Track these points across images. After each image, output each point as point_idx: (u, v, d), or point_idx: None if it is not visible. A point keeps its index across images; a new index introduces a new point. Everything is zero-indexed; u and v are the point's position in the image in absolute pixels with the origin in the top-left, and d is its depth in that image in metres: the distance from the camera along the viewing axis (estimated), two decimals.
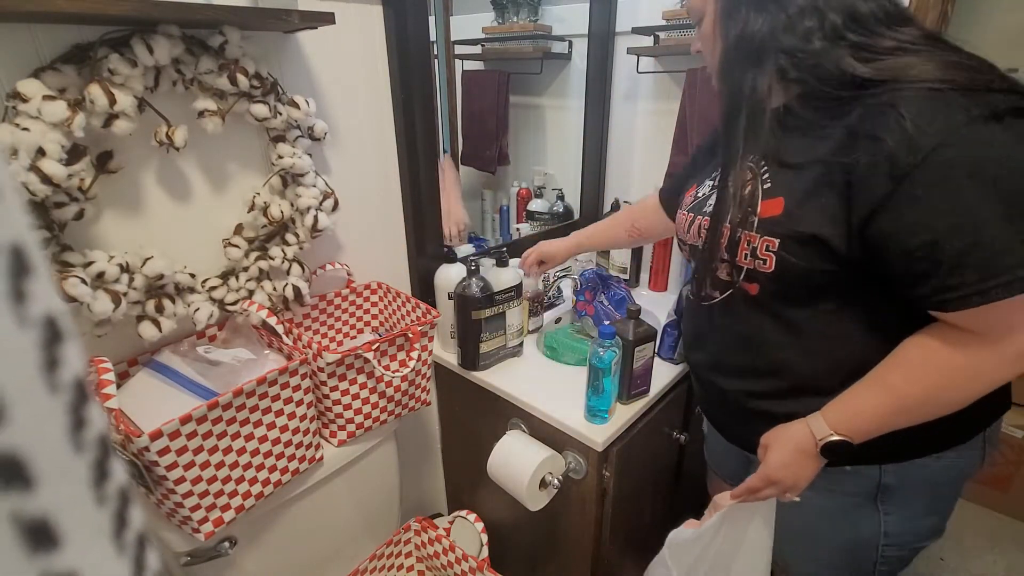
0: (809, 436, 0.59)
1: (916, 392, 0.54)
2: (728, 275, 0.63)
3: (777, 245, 0.57)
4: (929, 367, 0.53)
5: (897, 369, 0.55)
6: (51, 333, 0.09)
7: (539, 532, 1.07)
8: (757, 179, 0.59)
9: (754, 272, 0.59)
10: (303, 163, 0.77)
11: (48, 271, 0.10)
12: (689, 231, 0.72)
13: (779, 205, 0.57)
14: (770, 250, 0.57)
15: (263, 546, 0.80)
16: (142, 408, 0.65)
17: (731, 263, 0.61)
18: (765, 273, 0.58)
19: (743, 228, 0.59)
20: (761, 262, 0.58)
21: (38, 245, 0.09)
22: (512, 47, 1.32)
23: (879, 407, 0.56)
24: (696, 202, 0.73)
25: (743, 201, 0.59)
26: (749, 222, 0.59)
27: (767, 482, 0.62)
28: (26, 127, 0.54)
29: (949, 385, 0.53)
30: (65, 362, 0.10)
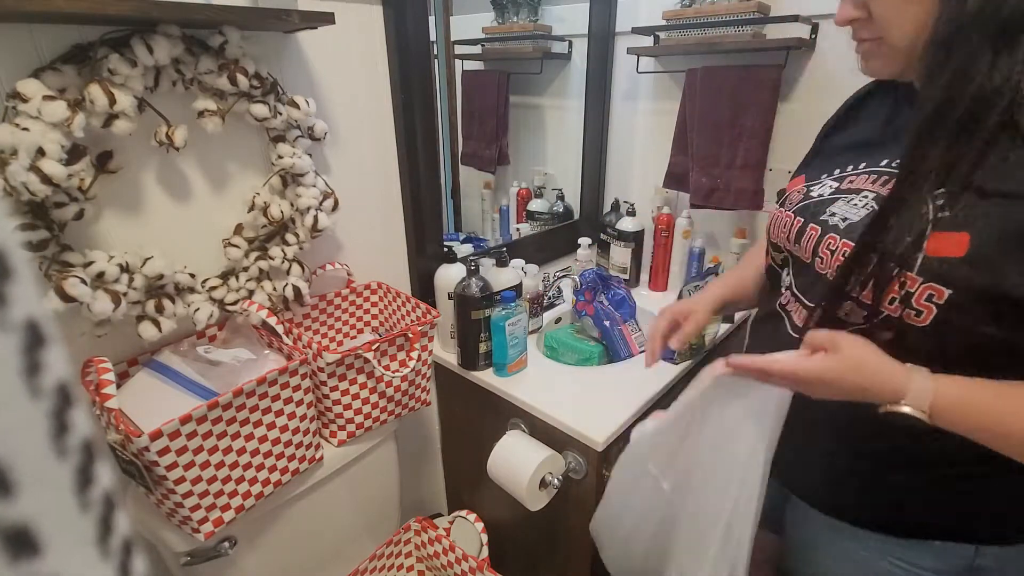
0: (899, 390, 0.44)
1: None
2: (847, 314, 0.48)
3: (946, 297, 0.42)
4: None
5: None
6: (33, 337, 0.09)
7: (539, 532, 1.07)
8: (928, 201, 0.44)
9: (897, 321, 0.46)
10: (303, 163, 0.77)
11: (31, 274, 0.10)
12: (799, 240, 0.56)
13: (961, 244, 0.42)
14: (933, 300, 0.43)
15: (263, 546, 0.81)
16: (142, 408, 0.65)
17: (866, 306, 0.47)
18: (915, 326, 0.45)
19: (899, 265, 0.44)
20: (914, 313, 0.44)
21: (21, 248, 0.09)
22: (512, 47, 1.32)
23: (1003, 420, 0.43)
24: (806, 202, 0.57)
25: (911, 227, 0.44)
26: (908, 259, 0.44)
27: (794, 378, 0.47)
28: (26, 127, 0.54)
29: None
30: (47, 366, 0.10)
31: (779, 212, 0.61)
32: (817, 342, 0.48)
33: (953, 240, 0.42)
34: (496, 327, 0.95)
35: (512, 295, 0.94)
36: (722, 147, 1.13)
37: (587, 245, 1.28)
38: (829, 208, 0.54)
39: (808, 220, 0.56)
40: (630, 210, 1.32)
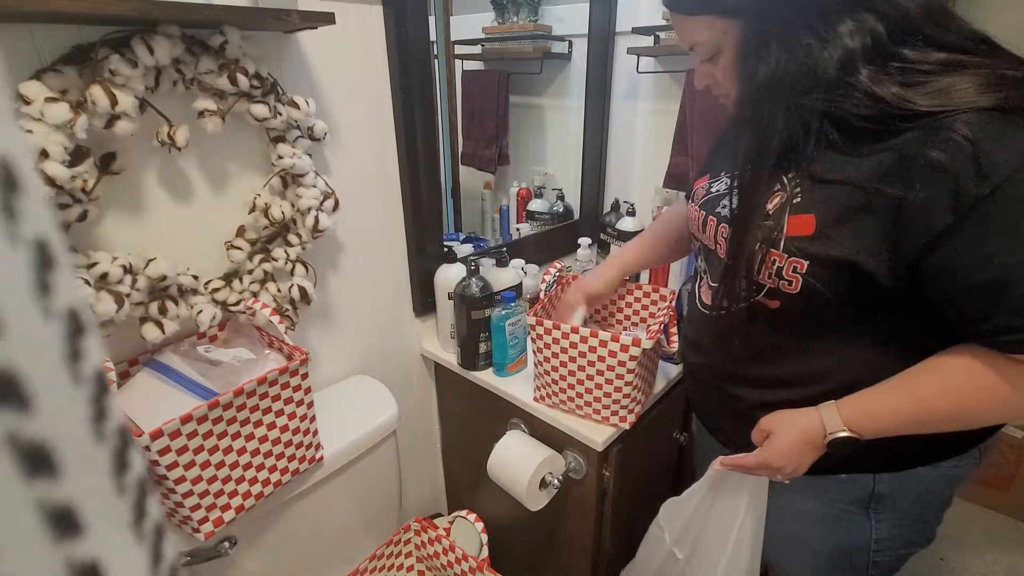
0: (819, 428, 0.56)
1: (945, 408, 0.52)
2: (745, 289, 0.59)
3: (805, 268, 0.52)
4: (969, 388, 0.50)
5: (931, 381, 0.52)
6: (74, 325, 0.10)
7: (539, 532, 1.07)
8: (786, 191, 0.54)
9: (776, 291, 0.56)
10: (303, 163, 0.78)
11: (71, 266, 0.10)
12: (705, 231, 0.67)
13: (810, 223, 0.52)
14: (797, 271, 0.53)
15: (263, 546, 0.80)
16: (143, 408, 0.65)
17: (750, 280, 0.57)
18: (789, 293, 0.54)
19: (768, 246, 0.54)
20: (786, 283, 0.54)
21: (62, 240, 0.10)
22: (512, 47, 1.32)
23: (901, 413, 0.53)
24: (708, 198, 0.67)
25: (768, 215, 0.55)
26: (775, 239, 0.54)
27: (764, 466, 0.61)
28: (29, 129, 0.54)
29: (983, 409, 0.51)
30: (87, 354, 0.10)
31: (690, 207, 0.71)
32: (758, 437, 0.62)
33: (804, 221, 0.52)
34: (496, 327, 0.95)
35: (512, 295, 0.94)
36: None
37: (587, 245, 1.29)
38: (723, 201, 0.64)
39: (708, 212, 0.66)
40: (630, 210, 1.32)
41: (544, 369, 0.87)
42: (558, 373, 0.85)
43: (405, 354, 1.14)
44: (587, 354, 0.81)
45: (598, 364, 0.81)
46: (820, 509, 0.67)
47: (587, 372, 0.82)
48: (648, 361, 0.87)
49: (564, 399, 0.88)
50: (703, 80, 0.62)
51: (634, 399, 0.84)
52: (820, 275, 0.52)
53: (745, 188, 0.57)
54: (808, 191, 0.53)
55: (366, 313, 1.03)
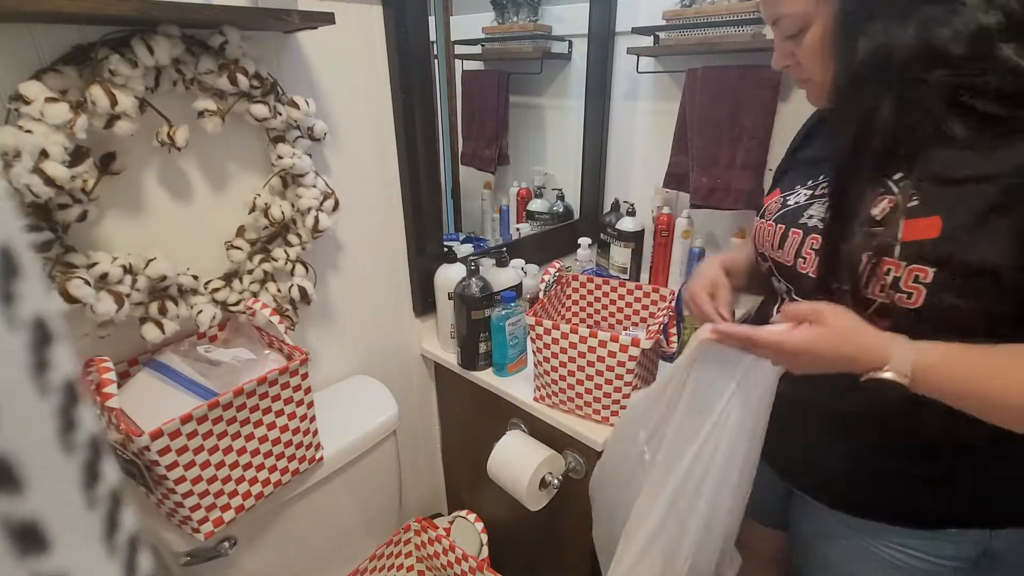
0: (880, 357, 0.45)
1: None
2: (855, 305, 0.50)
3: (931, 276, 0.45)
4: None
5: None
6: (40, 335, 0.10)
7: (539, 532, 1.07)
8: (897, 195, 0.47)
9: (890, 307, 0.48)
10: (303, 163, 0.77)
11: (38, 273, 0.10)
12: (783, 246, 0.58)
13: (935, 226, 0.45)
14: (920, 281, 0.45)
15: (263, 546, 0.81)
16: (143, 408, 0.65)
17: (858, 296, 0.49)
18: (908, 308, 0.47)
19: (880, 254, 0.47)
20: (904, 296, 0.46)
21: (28, 247, 0.10)
22: (512, 47, 1.32)
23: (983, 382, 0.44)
24: (785, 210, 0.59)
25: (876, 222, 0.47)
26: (887, 246, 0.47)
27: (779, 350, 0.49)
28: (29, 129, 0.54)
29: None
30: (55, 364, 0.10)
31: (760, 223, 0.64)
32: (801, 314, 0.49)
33: (926, 224, 0.45)
34: (496, 327, 0.95)
35: (512, 295, 0.94)
36: (722, 147, 1.14)
37: (587, 245, 1.28)
38: (806, 212, 0.57)
39: (789, 225, 0.58)
40: (630, 210, 1.32)
41: (544, 369, 0.87)
42: (557, 373, 0.85)
43: (405, 354, 1.14)
44: (587, 354, 0.80)
45: (597, 364, 0.81)
46: (915, 563, 0.57)
47: (587, 372, 0.82)
48: (648, 361, 0.87)
49: (564, 399, 0.88)
50: (782, 60, 0.55)
51: None
52: (951, 285, 0.44)
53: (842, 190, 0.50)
54: (926, 192, 0.46)
55: (366, 313, 1.03)
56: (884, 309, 0.49)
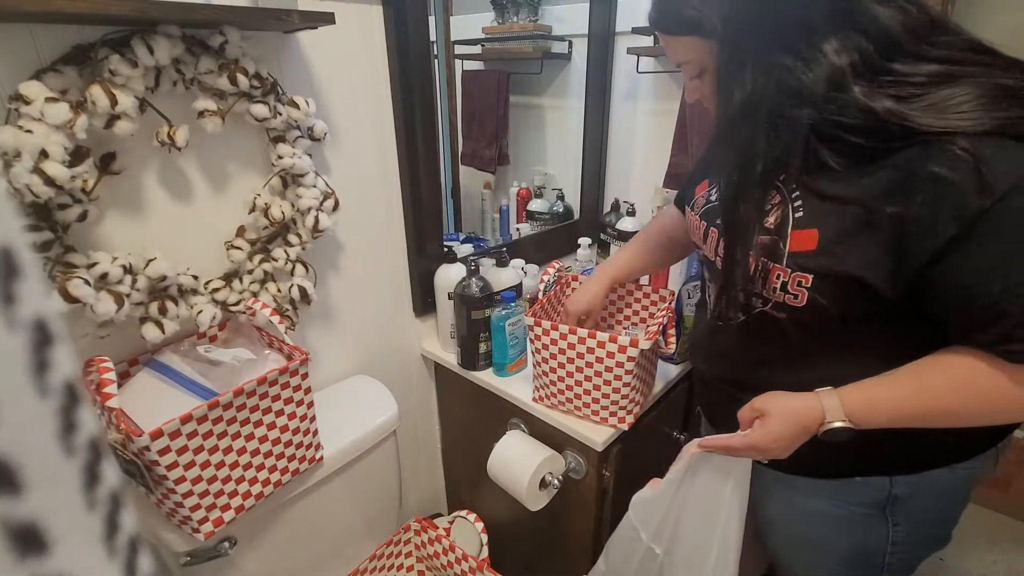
0: (818, 415, 0.55)
1: (951, 404, 0.51)
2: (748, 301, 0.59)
3: (810, 282, 0.53)
4: (976, 387, 0.50)
5: (938, 377, 0.52)
6: (41, 336, 0.09)
7: (539, 532, 1.07)
8: (788, 204, 0.54)
9: (783, 304, 0.56)
10: (303, 163, 0.77)
11: (38, 274, 0.10)
12: (706, 241, 0.66)
13: (812, 239, 0.52)
14: (802, 286, 0.53)
15: (263, 546, 0.81)
16: (143, 408, 0.65)
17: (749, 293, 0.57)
18: (795, 307, 0.55)
19: (771, 260, 0.55)
20: (792, 296, 0.54)
21: (28, 247, 0.09)
22: (512, 47, 1.32)
23: (904, 406, 0.52)
24: (708, 207, 0.67)
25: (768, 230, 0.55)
26: (777, 254, 0.54)
27: (751, 449, 0.59)
28: (29, 129, 0.54)
29: (990, 408, 0.51)
30: (55, 365, 0.10)
31: (691, 215, 0.70)
32: (746, 417, 0.60)
33: (806, 236, 0.53)
34: (496, 327, 0.95)
35: (512, 295, 0.94)
36: None
37: (587, 245, 1.28)
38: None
39: (709, 224, 0.65)
40: (630, 210, 1.32)
41: (543, 369, 0.87)
42: (556, 374, 0.85)
43: (405, 354, 1.14)
44: (585, 355, 0.80)
45: (596, 365, 0.81)
46: (834, 510, 0.66)
47: (585, 373, 0.82)
48: (647, 362, 0.87)
49: (563, 399, 0.88)
50: (693, 95, 0.63)
51: (633, 400, 0.84)
52: (825, 289, 0.52)
53: (731, 207, 0.57)
54: (810, 205, 0.53)
55: (366, 313, 1.03)
56: (778, 306, 0.56)
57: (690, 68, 0.59)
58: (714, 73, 0.56)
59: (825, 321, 0.54)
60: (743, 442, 0.59)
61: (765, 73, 0.50)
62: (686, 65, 0.60)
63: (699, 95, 0.62)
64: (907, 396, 0.53)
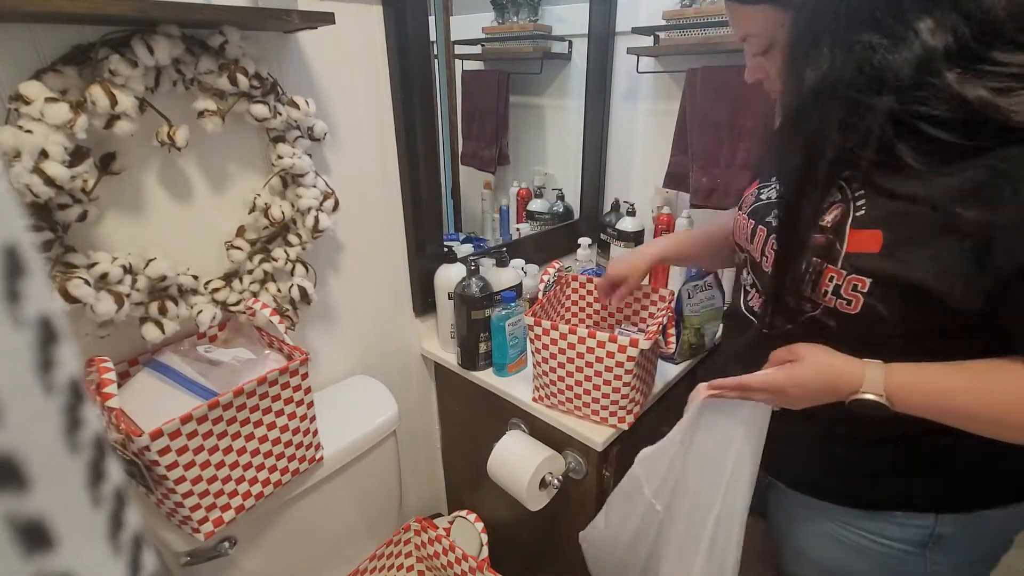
0: (856, 382, 0.49)
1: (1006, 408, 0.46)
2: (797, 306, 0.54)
3: (868, 286, 0.47)
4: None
5: (1000, 376, 0.47)
6: (46, 334, 0.10)
7: (539, 532, 1.07)
8: (849, 202, 0.49)
9: (833, 311, 0.51)
10: (303, 163, 0.77)
11: (43, 272, 0.10)
12: (752, 240, 0.61)
13: (876, 240, 0.47)
14: (858, 291, 0.48)
15: (263, 546, 0.81)
16: (143, 408, 0.65)
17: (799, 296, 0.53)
18: (847, 314, 0.50)
19: (825, 261, 0.50)
20: (844, 302, 0.49)
21: (33, 246, 0.10)
22: (512, 47, 1.32)
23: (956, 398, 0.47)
24: (757, 205, 0.62)
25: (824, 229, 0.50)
26: (833, 254, 0.49)
27: (771, 389, 0.53)
28: (29, 129, 0.54)
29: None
30: (60, 363, 0.10)
31: (738, 215, 0.66)
32: (780, 357, 0.55)
33: (869, 236, 0.48)
34: (496, 327, 0.95)
35: (512, 295, 0.94)
36: (722, 147, 1.14)
37: (587, 245, 1.28)
38: (775, 210, 0.58)
39: (758, 222, 0.60)
40: (630, 210, 1.32)
41: (543, 369, 0.87)
42: (556, 374, 0.85)
43: (405, 354, 1.14)
44: (585, 355, 0.80)
45: (596, 365, 0.81)
46: (870, 545, 0.60)
47: (585, 373, 0.82)
48: (646, 362, 0.87)
49: (563, 400, 0.88)
50: (754, 74, 0.57)
51: (632, 400, 0.84)
52: (884, 296, 0.47)
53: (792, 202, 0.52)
54: (874, 204, 0.48)
55: (366, 313, 1.03)
56: (829, 312, 0.52)
57: (757, 43, 0.53)
58: (784, 49, 0.50)
59: (880, 333, 0.49)
60: (761, 381, 0.54)
61: (845, 51, 0.45)
62: (752, 39, 0.54)
63: (762, 74, 0.56)
64: (960, 389, 0.47)
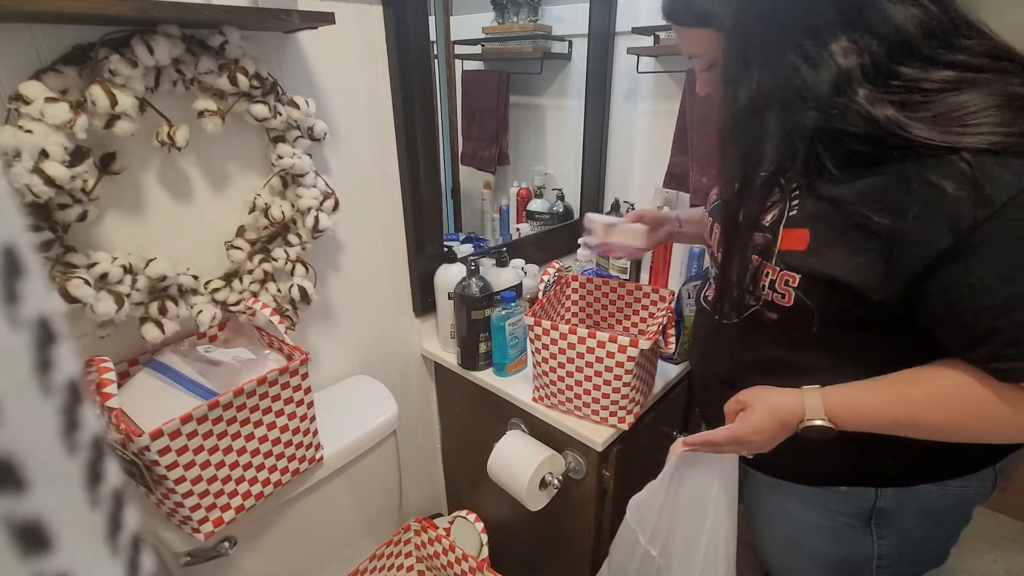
0: (798, 411, 0.54)
1: (934, 417, 0.50)
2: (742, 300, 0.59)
3: (797, 281, 0.52)
4: (962, 402, 0.48)
5: (922, 387, 0.51)
6: (44, 335, 0.10)
7: (539, 532, 1.07)
8: (786, 200, 0.54)
9: (772, 304, 0.56)
10: (303, 163, 0.77)
11: (41, 272, 0.10)
12: (711, 237, 0.67)
13: (803, 239, 0.52)
14: (789, 285, 0.53)
15: (263, 546, 0.81)
16: (143, 408, 0.65)
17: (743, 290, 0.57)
18: (784, 307, 0.54)
19: (763, 258, 0.54)
20: (779, 296, 0.54)
21: (31, 247, 0.10)
22: (512, 47, 1.32)
23: (884, 412, 0.52)
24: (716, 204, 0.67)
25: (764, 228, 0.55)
26: (769, 252, 0.54)
27: (734, 441, 0.59)
28: (29, 129, 0.54)
29: (974, 427, 0.49)
30: (58, 364, 0.10)
31: (703, 213, 0.72)
32: (731, 408, 0.60)
33: (797, 235, 0.52)
34: (496, 327, 0.95)
35: (512, 295, 0.94)
36: None
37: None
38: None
39: (715, 220, 0.65)
40: (630, 210, 1.32)
41: (543, 369, 0.87)
42: (556, 374, 0.85)
43: (405, 354, 1.14)
44: (585, 354, 0.80)
45: (596, 365, 0.81)
46: (820, 519, 0.65)
47: (585, 373, 0.82)
48: (646, 362, 0.87)
49: (563, 400, 0.88)
50: (704, 88, 0.62)
51: (632, 400, 0.84)
52: (811, 291, 0.52)
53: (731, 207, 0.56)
54: (804, 205, 0.52)
55: (366, 313, 1.03)
56: (770, 306, 0.56)
57: (701, 61, 0.59)
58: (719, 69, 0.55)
59: (812, 324, 0.53)
60: (725, 435, 0.59)
61: (771, 72, 0.49)
62: (697, 58, 0.59)
63: (710, 88, 0.61)
64: (888, 403, 0.52)
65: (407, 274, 1.08)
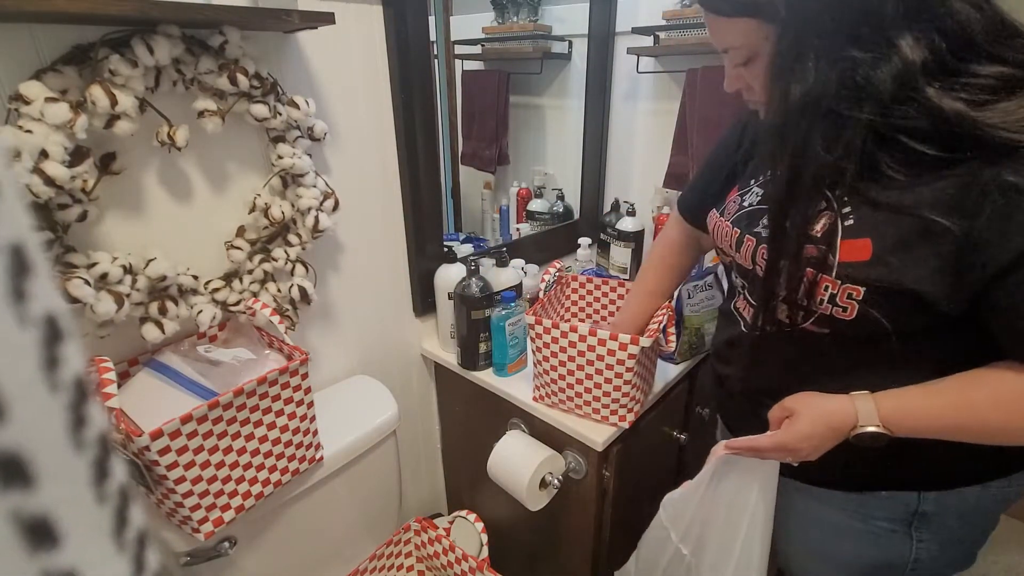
0: (851, 418, 0.52)
1: (997, 420, 0.48)
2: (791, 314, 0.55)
3: (862, 294, 0.49)
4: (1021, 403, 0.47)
5: (984, 391, 0.49)
6: (51, 332, 0.10)
7: (539, 532, 1.07)
8: (836, 215, 0.51)
9: (829, 318, 0.52)
10: (303, 163, 0.77)
11: (49, 270, 0.10)
12: (739, 249, 0.62)
13: (866, 248, 0.49)
14: (853, 298, 0.50)
15: (263, 546, 0.81)
16: (143, 408, 0.65)
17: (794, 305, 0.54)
18: (843, 320, 0.51)
19: (820, 271, 0.51)
20: (840, 309, 0.51)
21: (38, 245, 0.10)
22: (512, 47, 1.32)
23: (942, 417, 0.50)
24: (742, 212, 0.63)
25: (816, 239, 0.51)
26: (827, 265, 0.51)
27: (780, 448, 0.56)
28: (29, 129, 0.54)
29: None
30: (65, 361, 0.10)
31: (720, 220, 0.66)
32: (776, 416, 0.58)
33: (858, 245, 0.49)
34: (496, 327, 0.95)
35: (512, 295, 0.94)
36: None
37: (587, 245, 1.29)
38: (761, 220, 0.59)
39: (744, 231, 0.61)
40: (630, 210, 1.32)
41: (543, 369, 0.87)
42: (556, 373, 0.85)
43: (405, 354, 1.14)
44: (586, 353, 0.81)
45: (597, 363, 0.81)
46: (857, 524, 0.63)
47: (586, 371, 0.82)
48: (647, 360, 0.87)
49: (563, 399, 0.88)
50: (734, 84, 0.58)
51: (633, 398, 0.84)
52: (878, 302, 0.49)
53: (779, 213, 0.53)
54: (860, 214, 0.50)
55: (366, 313, 1.03)
56: (823, 320, 0.53)
57: (737, 54, 0.54)
58: (768, 62, 0.51)
59: (874, 335, 0.51)
60: (771, 442, 0.57)
61: (829, 66, 0.46)
62: (733, 51, 0.54)
63: (741, 84, 0.57)
64: (948, 407, 0.50)
65: (407, 274, 1.08)
